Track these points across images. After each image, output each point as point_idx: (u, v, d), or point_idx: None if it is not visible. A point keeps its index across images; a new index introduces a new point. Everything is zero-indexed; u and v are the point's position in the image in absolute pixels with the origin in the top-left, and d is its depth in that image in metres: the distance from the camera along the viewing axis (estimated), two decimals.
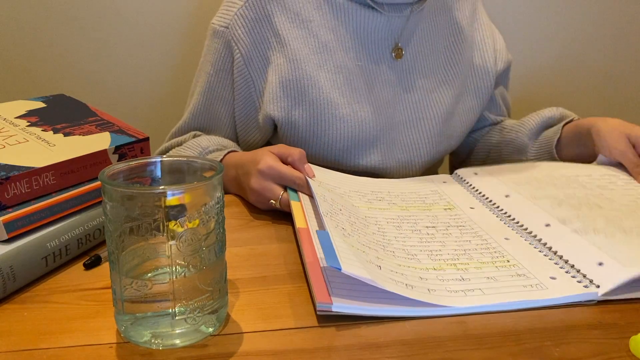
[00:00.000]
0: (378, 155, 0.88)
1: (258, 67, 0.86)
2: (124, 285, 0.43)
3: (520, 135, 0.96)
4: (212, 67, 0.89)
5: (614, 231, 0.59)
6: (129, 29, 1.26)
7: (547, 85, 1.47)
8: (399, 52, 0.88)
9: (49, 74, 1.26)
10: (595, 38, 1.45)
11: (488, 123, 1.04)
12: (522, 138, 0.95)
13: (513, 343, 0.45)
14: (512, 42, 1.41)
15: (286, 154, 0.71)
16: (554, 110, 0.94)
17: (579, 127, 0.87)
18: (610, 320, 0.48)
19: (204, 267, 0.43)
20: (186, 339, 0.44)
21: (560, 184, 0.73)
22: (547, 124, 0.94)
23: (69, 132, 0.64)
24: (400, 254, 0.57)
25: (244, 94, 0.88)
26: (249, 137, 0.92)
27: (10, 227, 0.52)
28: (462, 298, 0.50)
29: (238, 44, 0.85)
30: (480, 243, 0.61)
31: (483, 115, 1.03)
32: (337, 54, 0.86)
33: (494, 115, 1.04)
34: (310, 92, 0.85)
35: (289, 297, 0.52)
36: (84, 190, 0.60)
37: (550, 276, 0.54)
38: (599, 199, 0.69)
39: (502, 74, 1.01)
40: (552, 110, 0.94)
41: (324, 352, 0.44)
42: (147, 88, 1.31)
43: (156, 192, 0.41)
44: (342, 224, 0.59)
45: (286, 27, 0.85)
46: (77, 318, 0.48)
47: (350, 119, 0.85)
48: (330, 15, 0.86)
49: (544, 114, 0.94)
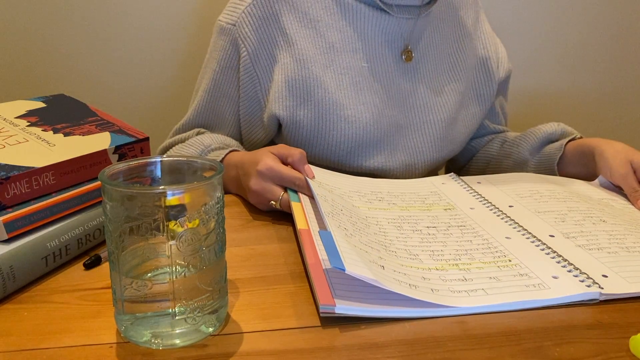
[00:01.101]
0: (381, 157, 0.88)
1: (264, 65, 0.86)
2: (124, 285, 0.43)
3: (521, 150, 0.96)
4: (218, 64, 0.89)
5: (617, 249, 0.59)
6: (129, 29, 1.26)
7: (546, 89, 1.47)
8: (409, 54, 0.88)
9: (49, 74, 1.26)
10: (594, 40, 1.45)
11: (487, 132, 1.05)
12: (523, 153, 0.95)
13: (513, 343, 0.45)
14: (511, 49, 1.41)
15: (286, 155, 0.71)
16: (555, 126, 0.94)
17: (583, 147, 0.87)
18: (610, 320, 0.48)
19: (204, 267, 0.43)
20: (186, 339, 0.44)
21: (562, 197, 0.74)
22: (548, 140, 0.94)
23: (69, 132, 0.64)
24: (402, 254, 0.57)
25: (250, 92, 0.88)
26: (253, 135, 0.92)
27: (10, 227, 0.52)
28: (465, 298, 0.50)
29: (245, 42, 0.85)
30: (482, 243, 0.61)
31: (483, 124, 1.03)
32: (344, 54, 0.86)
33: (493, 124, 1.04)
34: (316, 92, 0.85)
35: (290, 297, 0.52)
36: (83, 190, 0.60)
37: (552, 275, 0.54)
38: (602, 213, 0.69)
39: (503, 83, 1.01)
40: (554, 125, 0.94)
41: (324, 352, 0.44)
42: (148, 88, 1.31)
43: (156, 192, 0.41)
44: (344, 224, 0.59)
45: (294, 27, 0.86)
46: (77, 318, 0.48)
47: (355, 120, 0.85)
48: (339, 16, 0.86)
49: (545, 129, 0.94)
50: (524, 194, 0.75)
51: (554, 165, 0.90)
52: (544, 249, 0.59)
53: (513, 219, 0.67)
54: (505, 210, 0.70)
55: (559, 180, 0.82)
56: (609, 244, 0.61)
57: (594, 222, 0.66)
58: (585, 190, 0.79)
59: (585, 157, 0.85)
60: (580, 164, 0.87)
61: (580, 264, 0.56)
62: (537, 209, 0.70)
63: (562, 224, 0.66)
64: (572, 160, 0.89)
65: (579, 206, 0.71)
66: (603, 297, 0.51)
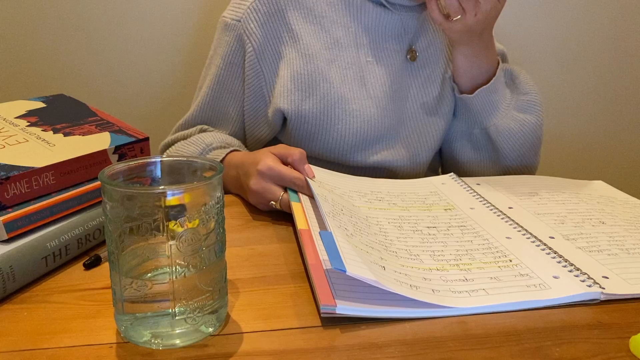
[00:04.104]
0: (384, 152, 0.89)
1: (270, 61, 0.87)
2: (124, 286, 0.43)
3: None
4: (223, 60, 0.89)
5: (618, 251, 0.60)
6: (129, 29, 1.26)
7: (547, 89, 1.47)
8: (413, 54, 0.90)
9: (49, 74, 1.26)
10: (594, 40, 1.45)
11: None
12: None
13: (513, 343, 0.45)
14: (510, 42, 1.41)
15: (286, 155, 0.71)
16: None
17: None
18: (610, 320, 0.48)
19: (204, 267, 0.43)
20: (186, 339, 0.44)
21: (561, 199, 0.74)
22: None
23: (69, 132, 0.64)
24: (403, 255, 0.57)
25: (255, 88, 0.88)
26: (257, 132, 0.92)
27: (10, 227, 0.52)
28: (466, 299, 0.50)
29: (250, 38, 0.86)
30: (482, 243, 0.61)
31: None
32: (349, 50, 0.86)
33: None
34: (321, 86, 0.85)
35: (290, 297, 0.52)
36: (84, 190, 0.60)
37: (553, 275, 0.54)
38: (602, 214, 0.69)
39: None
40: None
41: (324, 352, 0.44)
42: (147, 88, 1.31)
43: (156, 192, 0.41)
44: (345, 224, 0.59)
45: (299, 22, 0.86)
46: (77, 318, 0.48)
47: (360, 115, 0.85)
48: (344, 12, 0.87)
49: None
50: (523, 196, 0.76)
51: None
52: (545, 249, 0.59)
53: (513, 219, 0.67)
54: (505, 211, 0.70)
55: (558, 182, 0.82)
56: (609, 246, 0.61)
57: (593, 224, 0.66)
58: (585, 191, 0.79)
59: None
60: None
61: (580, 265, 0.56)
62: (537, 210, 0.70)
63: (562, 226, 0.66)
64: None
65: (578, 208, 0.72)
66: (604, 297, 0.51)
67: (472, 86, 0.89)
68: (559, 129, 1.51)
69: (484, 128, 0.91)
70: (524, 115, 0.90)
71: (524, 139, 0.90)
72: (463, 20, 0.81)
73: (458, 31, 0.83)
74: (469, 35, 0.84)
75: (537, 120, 0.90)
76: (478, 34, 0.84)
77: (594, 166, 1.55)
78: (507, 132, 0.89)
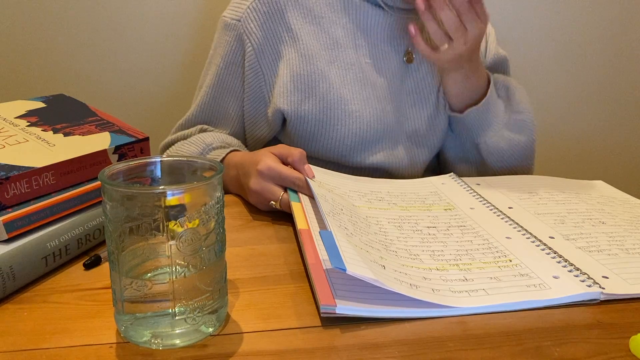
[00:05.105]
0: (383, 153, 0.89)
1: (269, 61, 0.87)
2: (124, 285, 0.43)
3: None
4: (223, 60, 0.89)
5: (617, 251, 0.60)
6: (129, 29, 1.26)
7: (547, 89, 1.47)
8: (410, 56, 0.90)
9: (49, 74, 1.26)
10: (594, 37, 1.45)
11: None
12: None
13: (513, 343, 0.45)
14: (510, 42, 1.41)
15: (286, 154, 0.71)
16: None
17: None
18: (610, 320, 0.48)
19: (204, 267, 0.43)
20: (186, 339, 0.44)
21: (561, 199, 0.75)
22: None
23: (68, 132, 0.64)
24: (402, 254, 0.57)
25: (254, 88, 0.88)
26: (257, 131, 0.92)
27: (10, 227, 0.52)
28: (466, 299, 0.50)
29: (250, 38, 0.86)
30: (482, 243, 0.61)
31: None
32: (348, 50, 0.87)
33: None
34: (321, 86, 0.85)
35: (290, 297, 0.52)
36: (84, 190, 0.60)
37: (553, 275, 0.54)
38: (602, 214, 0.69)
39: (490, 69, 0.99)
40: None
41: (324, 352, 0.44)
42: (147, 88, 1.31)
43: (156, 192, 0.41)
44: (345, 224, 0.59)
45: (299, 22, 0.86)
46: (77, 318, 0.48)
47: (359, 115, 0.86)
48: (342, 13, 0.87)
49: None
50: (523, 195, 0.76)
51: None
52: (545, 249, 0.59)
53: (513, 219, 0.67)
54: (505, 211, 0.70)
55: (558, 182, 0.82)
56: (608, 246, 0.61)
57: (593, 224, 0.66)
58: (585, 191, 0.79)
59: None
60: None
61: (580, 265, 0.56)
62: (537, 210, 0.70)
63: (562, 226, 0.66)
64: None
65: (578, 208, 0.72)
66: (604, 296, 0.51)
67: (464, 106, 0.90)
68: (559, 129, 1.51)
69: (475, 144, 0.91)
70: (515, 135, 0.90)
71: (514, 158, 0.91)
72: (452, 49, 0.81)
73: (448, 60, 0.84)
74: (459, 62, 0.84)
75: (528, 140, 0.91)
76: (467, 59, 0.84)
77: (594, 166, 1.55)
78: (496, 151, 0.90)
